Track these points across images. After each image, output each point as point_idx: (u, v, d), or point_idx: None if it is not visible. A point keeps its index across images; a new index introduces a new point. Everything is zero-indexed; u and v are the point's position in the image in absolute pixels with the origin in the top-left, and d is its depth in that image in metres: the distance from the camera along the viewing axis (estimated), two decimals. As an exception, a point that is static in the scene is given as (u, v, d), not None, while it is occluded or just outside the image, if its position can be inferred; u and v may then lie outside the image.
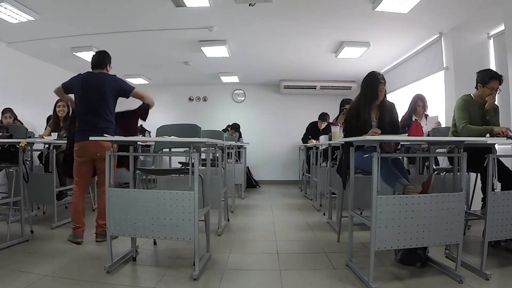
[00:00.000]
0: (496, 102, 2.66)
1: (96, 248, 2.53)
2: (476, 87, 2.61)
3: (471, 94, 2.64)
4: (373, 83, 2.34)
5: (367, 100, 2.36)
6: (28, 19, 3.58)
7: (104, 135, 2.25)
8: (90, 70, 2.80)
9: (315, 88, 7.01)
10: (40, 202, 3.67)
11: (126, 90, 2.77)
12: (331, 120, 5.39)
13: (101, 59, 2.80)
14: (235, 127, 6.26)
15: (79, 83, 2.68)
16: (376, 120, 2.41)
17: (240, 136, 6.30)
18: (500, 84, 2.52)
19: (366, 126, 2.30)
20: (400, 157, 2.53)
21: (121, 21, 3.90)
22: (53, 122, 3.81)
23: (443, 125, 3.82)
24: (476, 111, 2.57)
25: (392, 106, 2.49)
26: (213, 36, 4.36)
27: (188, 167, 2.04)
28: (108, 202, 2.06)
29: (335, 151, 3.52)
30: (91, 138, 2.14)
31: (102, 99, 2.65)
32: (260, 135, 7.26)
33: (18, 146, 2.58)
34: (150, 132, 6.15)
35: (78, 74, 2.75)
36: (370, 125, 2.33)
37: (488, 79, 2.51)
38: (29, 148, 3.39)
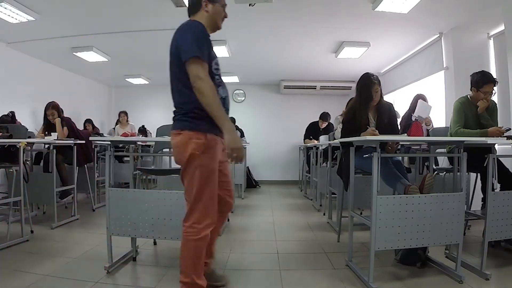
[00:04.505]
0: (495, 101, 2.65)
1: (96, 248, 2.52)
2: (471, 89, 2.60)
3: (468, 96, 2.64)
4: (366, 85, 2.35)
5: (362, 102, 2.37)
6: (28, 19, 3.58)
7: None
8: None
9: (315, 88, 7.00)
10: (40, 202, 3.67)
11: (181, 56, 1.60)
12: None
13: None
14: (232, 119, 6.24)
15: None
16: (374, 121, 2.41)
17: (242, 135, 6.29)
18: (494, 86, 2.51)
19: (363, 128, 2.30)
20: (400, 157, 2.53)
21: (121, 21, 3.90)
22: (45, 126, 3.78)
23: (442, 125, 3.83)
24: (473, 113, 2.57)
25: (389, 106, 2.48)
26: (213, 36, 4.32)
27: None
28: (108, 202, 2.06)
29: (335, 151, 3.52)
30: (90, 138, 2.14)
31: (172, 65, 1.73)
32: (260, 135, 7.26)
33: (18, 146, 2.58)
34: (151, 133, 6.15)
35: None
36: (366, 127, 2.33)
37: (482, 83, 2.49)
38: (29, 148, 3.40)
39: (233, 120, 6.27)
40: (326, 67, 5.87)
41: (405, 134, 2.85)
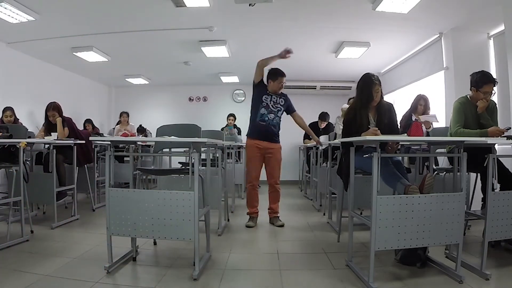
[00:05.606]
0: (495, 101, 2.65)
1: (96, 248, 2.52)
2: (471, 89, 2.60)
3: (468, 96, 2.64)
4: (367, 85, 2.35)
5: (363, 102, 2.37)
6: (28, 19, 3.58)
7: None
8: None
9: (315, 88, 7.01)
10: (40, 202, 3.67)
11: None
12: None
13: None
14: (232, 115, 6.32)
15: None
16: (374, 121, 2.41)
17: (239, 132, 6.29)
18: (494, 86, 2.51)
19: (363, 128, 2.30)
20: (400, 157, 2.53)
21: (121, 21, 3.90)
22: (46, 126, 3.78)
23: (442, 125, 3.83)
24: (473, 113, 2.56)
25: (390, 106, 2.48)
26: (213, 36, 4.36)
27: (188, 167, 2.05)
28: (108, 202, 2.06)
29: (335, 151, 3.52)
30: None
31: None
32: (260, 135, 7.24)
33: (18, 146, 2.58)
34: (151, 132, 6.16)
35: None
36: (367, 127, 2.33)
37: (482, 83, 2.48)
38: (29, 148, 3.40)
39: (234, 116, 6.32)
40: (326, 67, 5.88)
41: (405, 134, 2.85)
